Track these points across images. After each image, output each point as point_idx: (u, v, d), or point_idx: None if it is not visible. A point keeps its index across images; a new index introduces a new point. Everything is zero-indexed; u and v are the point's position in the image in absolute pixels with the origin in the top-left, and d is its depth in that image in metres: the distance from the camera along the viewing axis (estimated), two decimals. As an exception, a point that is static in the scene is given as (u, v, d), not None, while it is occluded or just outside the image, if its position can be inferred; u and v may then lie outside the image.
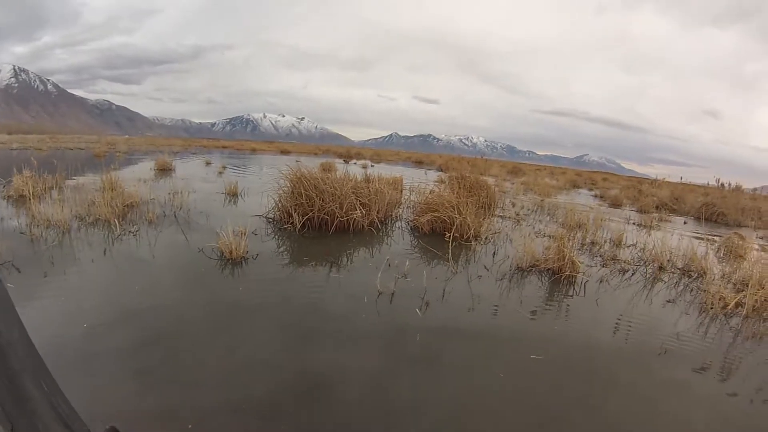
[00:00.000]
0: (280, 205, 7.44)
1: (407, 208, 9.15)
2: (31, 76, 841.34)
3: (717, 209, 15.36)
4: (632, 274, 5.97)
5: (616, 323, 4.29)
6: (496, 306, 4.46)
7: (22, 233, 5.56)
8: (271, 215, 7.52)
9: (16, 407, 0.53)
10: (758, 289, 5.00)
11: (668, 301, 5.04)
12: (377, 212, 7.56)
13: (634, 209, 15.55)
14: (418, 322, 3.88)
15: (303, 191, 7.08)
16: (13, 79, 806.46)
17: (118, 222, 6.17)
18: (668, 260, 6.62)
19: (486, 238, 7.22)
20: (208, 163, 20.57)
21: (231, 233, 5.17)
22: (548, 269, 5.63)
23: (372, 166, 26.56)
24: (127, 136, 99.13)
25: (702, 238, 10.06)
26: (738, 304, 4.88)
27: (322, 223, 6.98)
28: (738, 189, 18.66)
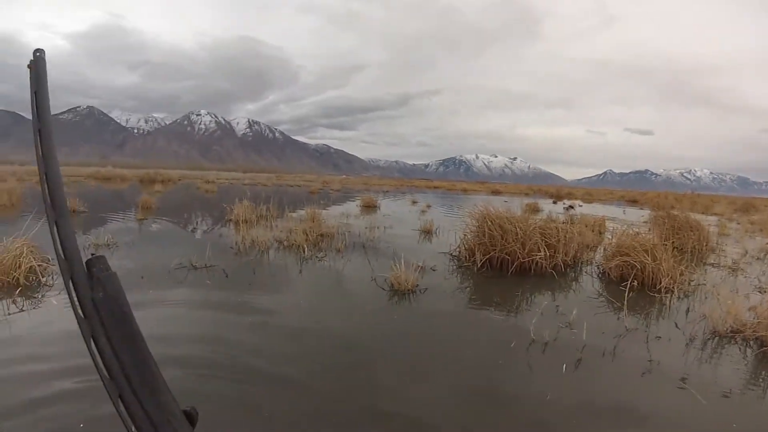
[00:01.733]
0: (464, 243, 7.52)
1: (604, 251, 8.40)
2: (263, 126, 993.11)
3: None
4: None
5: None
6: (667, 379, 3.55)
7: (231, 248, 7.23)
8: (455, 253, 7.64)
9: (146, 386, 0.66)
10: None
11: None
12: (564, 254, 7.24)
13: None
14: (558, 382, 3.39)
15: (487, 230, 7.08)
16: (248, 129, 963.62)
17: (308, 248, 7.23)
18: None
19: (685, 291, 6.26)
20: (414, 203, 21.22)
21: (403, 267, 5.36)
22: (757, 338, 4.45)
23: (580, 206, 25.91)
24: (344, 176, 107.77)
25: None
26: None
27: (503, 263, 6.87)
28: None
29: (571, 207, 19.13)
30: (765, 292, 6.30)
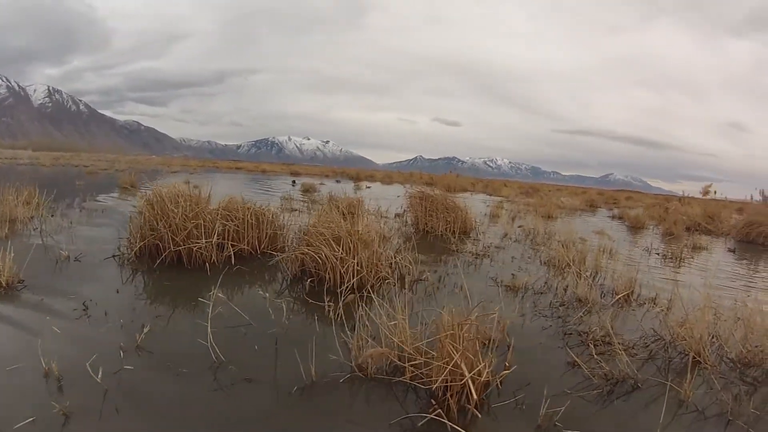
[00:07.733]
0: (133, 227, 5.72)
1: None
2: (65, 96, 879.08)
3: (762, 228, 12.27)
4: (632, 390, 2.81)
5: None
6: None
7: None
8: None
9: None
10: None
11: None
12: (250, 243, 5.53)
13: (658, 232, 12.48)
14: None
15: (146, 212, 5.50)
16: (47, 98, 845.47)
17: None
18: (712, 338, 3.48)
19: (384, 291, 4.33)
20: (186, 182, 19.05)
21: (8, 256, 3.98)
22: (425, 383, 2.52)
23: (368, 187, 25.43)
24: (154, 156, 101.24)
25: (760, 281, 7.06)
26: None
27: (159, 251, 5.16)
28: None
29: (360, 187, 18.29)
30: (504, 285, 4.83)
